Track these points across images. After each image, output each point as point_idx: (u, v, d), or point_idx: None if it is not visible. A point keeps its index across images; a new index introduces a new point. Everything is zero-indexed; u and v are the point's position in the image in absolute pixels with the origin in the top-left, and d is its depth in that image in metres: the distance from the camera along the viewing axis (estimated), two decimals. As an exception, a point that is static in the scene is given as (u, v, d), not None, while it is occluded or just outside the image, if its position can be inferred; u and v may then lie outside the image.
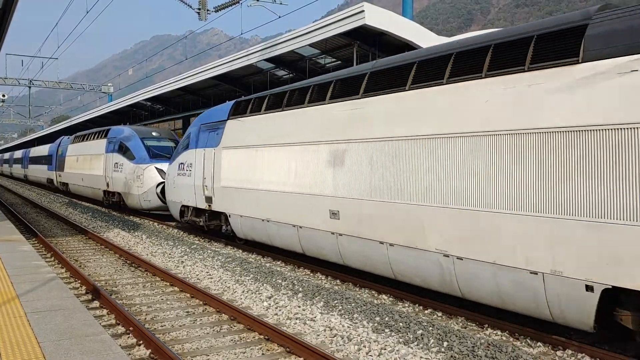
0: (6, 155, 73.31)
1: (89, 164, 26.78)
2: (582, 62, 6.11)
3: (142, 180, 20.42)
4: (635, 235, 5.42)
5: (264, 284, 9.92)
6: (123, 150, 22.26)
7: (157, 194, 20.28)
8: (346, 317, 7.92)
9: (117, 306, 8.00)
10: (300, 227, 10.77)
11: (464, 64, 7.57)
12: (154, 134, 22.97)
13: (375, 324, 7.50)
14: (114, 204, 24.11)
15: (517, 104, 6.64)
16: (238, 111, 13.50)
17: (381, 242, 8.76)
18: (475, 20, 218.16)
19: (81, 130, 46.33)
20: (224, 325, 7.70)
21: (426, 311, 8.46)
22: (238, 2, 17.19)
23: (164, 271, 10.74)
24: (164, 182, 19.48)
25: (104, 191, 24.71)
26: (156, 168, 20.50)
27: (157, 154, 21.41)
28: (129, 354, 6.41)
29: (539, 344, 6.88)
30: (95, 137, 26.92)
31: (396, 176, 8.36)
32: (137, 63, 38.24)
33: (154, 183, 20.26)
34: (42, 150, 42.29)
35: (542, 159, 6.26)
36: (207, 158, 14.58)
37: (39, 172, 42.34)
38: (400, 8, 17.80)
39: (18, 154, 58.24)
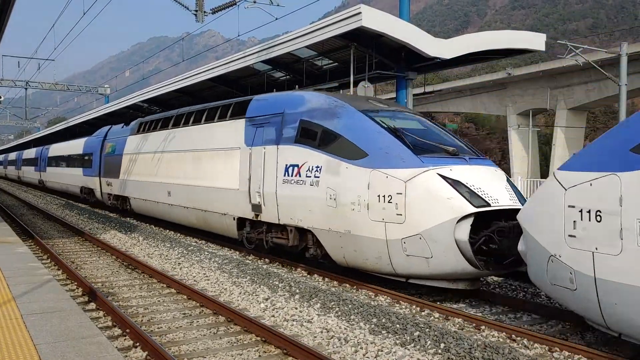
0: (12, 155, 59.61)
1: (192, 167, 15.48)
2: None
3: (410, 205, 8.67)
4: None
5: (261, 286, 9.91)
6: (319, 138, 10.66)
7: (456, 242, 8.29)
8: (343, 318, 7.92)
9: (114, 308, 7.99)
10: None
11: None
12: (379, 104, 11.51)
13: (372, 326, 7.49)
14: (278, 249, 12.32)
15: None
16: None
17: None
18: (472, 22, 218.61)
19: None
20: (221, 327, 7.69)
21: (423, 313, 8.46)
22: (235, 4, 17.18)
23: (161, 273, 10.72)
24: (477, 212, 8.39)
25: (245, 221, 13.14)
26: (444, 178, 8.76)
27: (428, 147, 9.61)
28: (126, 356, 6.40)
29: (535, 345, 6.89)
30: (206, 117, 15.44)
31: None
32: (134, 65, 38.24)
33: (448, 216, 8.36)
34: (73, 146, 31.05)
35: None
36: None
37: (67, 177, 31.23)
38: (397, 10, 17.81)
39: (30, 153, 46.35)
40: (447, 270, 8.55)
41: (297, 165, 11.05)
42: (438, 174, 8.82)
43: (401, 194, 8.81)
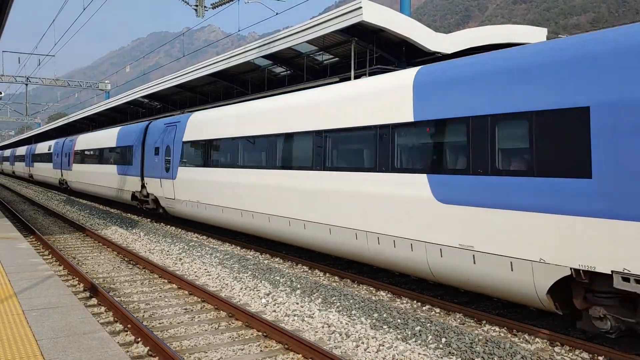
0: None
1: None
2: None
3: None
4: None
5: (262, 281, 9.92)
6: None
7: None
8: (344, 313, 7.93)
9: (115, 303, 8.00)
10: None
11: None
12: None
13: (374, 321, 7.50)
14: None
15: None
16: None
17: None
18: (472, 17, 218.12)
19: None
20: (222, 322, 7.70)
21: (424, 307, 8.47)
22: (235, -1, 17.11)
23: (162, 268, 10.73)
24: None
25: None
26: None
27: None
28: (127, 352, 6.41)
29: (536, 340, 6.89)
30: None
31: None
32: (134, 60, 38.08)
33: None
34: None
35: None
36: None
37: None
38: (398, 5, 17.76)
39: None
40: None
41: None
42: None
43: None
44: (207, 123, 15.18)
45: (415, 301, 8.77)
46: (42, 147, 39.63)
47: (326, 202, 10.06)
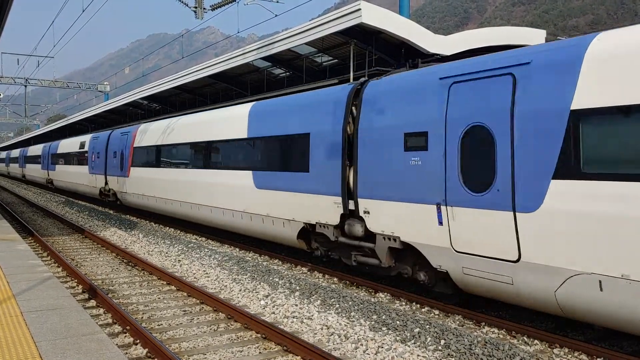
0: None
1: None
2: None
3: None
4: None
5: (261, 283, 9.91)
6: None
7: None
8: (343, 315, 7.92)
9: (114, 305, 7.99)
10: None
11: None
12: None
13: (373, 323, 7.50)
14: None
15: None
16: None
17: None
18: (471, 19, 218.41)
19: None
20: (221, 324, 7.69)
21: (423, 309, 8.46)
22: (234, 1, 17.13)
23: (161, 270, 10.72)
24: None
25: None
26: None
27: None
28: (126, 353, 6.40)
29: (535, 341, 6.89)
30: None
31: None
32: (133, 62, 38.10)
33: None
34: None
35: None
36: None
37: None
38: (397, 6, 17.79)
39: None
40: None
41: None
42: None
43: None
44: None
45: (414, 303, 8.77)
46: (70, 145, 30.53)
47: None
